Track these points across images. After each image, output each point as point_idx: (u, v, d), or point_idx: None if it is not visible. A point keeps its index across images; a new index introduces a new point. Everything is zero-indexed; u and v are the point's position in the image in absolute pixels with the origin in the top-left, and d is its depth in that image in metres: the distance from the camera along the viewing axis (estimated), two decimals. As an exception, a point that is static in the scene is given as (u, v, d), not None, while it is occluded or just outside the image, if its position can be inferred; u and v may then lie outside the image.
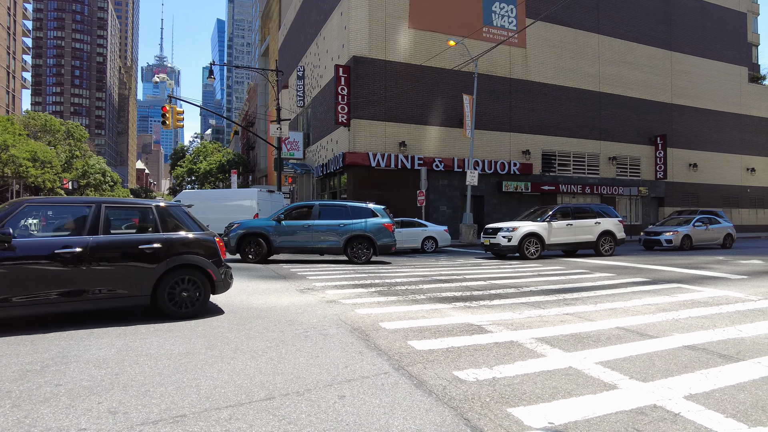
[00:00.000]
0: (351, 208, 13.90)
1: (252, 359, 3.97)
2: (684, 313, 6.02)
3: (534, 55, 29.69)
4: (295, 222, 13.59)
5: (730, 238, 20.11)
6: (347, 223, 13.59)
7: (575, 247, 16.18)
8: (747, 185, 38.27)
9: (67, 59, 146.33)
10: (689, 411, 2.98)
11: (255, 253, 13.36)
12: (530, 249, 15.05)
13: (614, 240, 16.26)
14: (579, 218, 15.99)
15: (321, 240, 13.51)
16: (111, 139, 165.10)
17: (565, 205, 16.51)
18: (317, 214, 13.73)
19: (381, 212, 13.94)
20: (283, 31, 46.75)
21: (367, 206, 14.08)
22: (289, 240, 13.44)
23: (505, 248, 15.11)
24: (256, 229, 13.44)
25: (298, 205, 14.42)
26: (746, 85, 39.30)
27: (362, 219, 13.68)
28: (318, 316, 5.77)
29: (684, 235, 18.76)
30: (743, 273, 10.31)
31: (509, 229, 15.16)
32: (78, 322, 5.27)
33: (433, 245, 18.75)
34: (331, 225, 13.57)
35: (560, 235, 15.55)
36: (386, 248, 13.71)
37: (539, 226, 15.31)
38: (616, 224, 16.43)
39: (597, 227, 16.07)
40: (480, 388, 3.36)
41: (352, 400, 3.10)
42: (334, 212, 13.85)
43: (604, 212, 16.59)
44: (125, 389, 3.23)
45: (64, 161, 62.29)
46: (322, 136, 30.94)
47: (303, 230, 13.50)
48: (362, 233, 13.52)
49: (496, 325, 5.35)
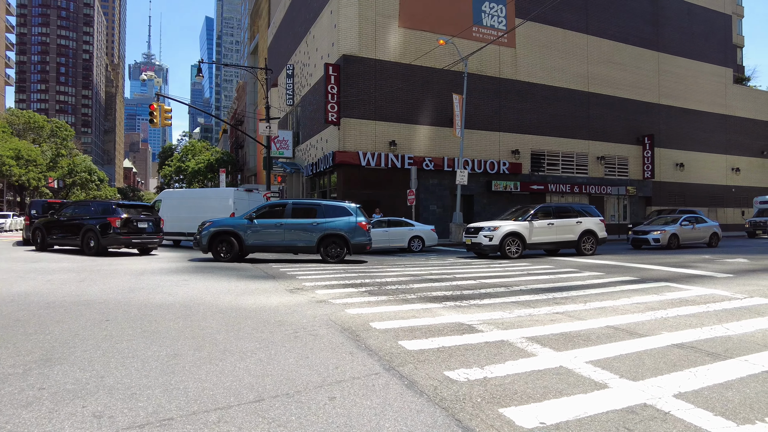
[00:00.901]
0: (325, 207, 13.78)
1: (241, 360, 3.92)
2: (672, 311, 6.07)
3: (523, 54, 29.85)
4: (267, 220, 13.47)
5: (716, 237, 20.36)
6: (320, 221, 13.46)
7: (557, 247, 16.22)
8: (732, 185, 38.87)
9: (53, 56, 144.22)
10: (679, 409, 2.99)
11: (226, 251, 13.24)
12: (511, 248, 15.06)
13: (595, 239, 16.32)
14: (560, 217, 16.03)
15: (294, 239, 13.37)
16: (98, 137, 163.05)
17: (546, 205, 16.52)
18: (290, 213, 13.60)
19: (356, 211, 13.78)
20: (272, 29, 46.48)
21: (341, 205, 13.96)
22: (261, 239, 13.33)
23: (487, 247, 15.10)
24: (228, 227, 13.34)
25: (271, 204, 14.28)
26: (731, 86, 39.89)
27: (336, 218, 13.54)
28: (308, 316, 5.72)
29: (671, 234, 18.96)
30: (729, 271, 10.44)
31: (490, 228, 15.14)
32: (63, 323, 5.17)
33: (420, 244, 18.75)
34: (304, 224, 13.44)
35: (541, 234, 15.58)
36: (360, 247, 13.51)
37: (520, 225, 15.31)
38: (597, 223, 16.50)
39: (578, 226, 16.12)
40: (471, 388, 3.35)
41: (343, 402, 3.07)
42: (307, 211, 13.74)
43: (585, 212, 16.62)
44: (111, 392, 3.16)
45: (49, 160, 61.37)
46: (312, 135, 30.82)
47: (275, 229, 13.36)
48: (336, 232, 13.37)
49: (486, 324, 5.35)
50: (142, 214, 15.79)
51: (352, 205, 13.99)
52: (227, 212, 19.21)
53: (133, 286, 8.04)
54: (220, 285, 8.30)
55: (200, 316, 5.67)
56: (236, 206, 19.87)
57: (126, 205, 15.71)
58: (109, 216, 14.87)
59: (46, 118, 68.74)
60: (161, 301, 6.65)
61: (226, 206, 19.79)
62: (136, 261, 12.97)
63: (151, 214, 16.25)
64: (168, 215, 19.97)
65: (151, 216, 16.07)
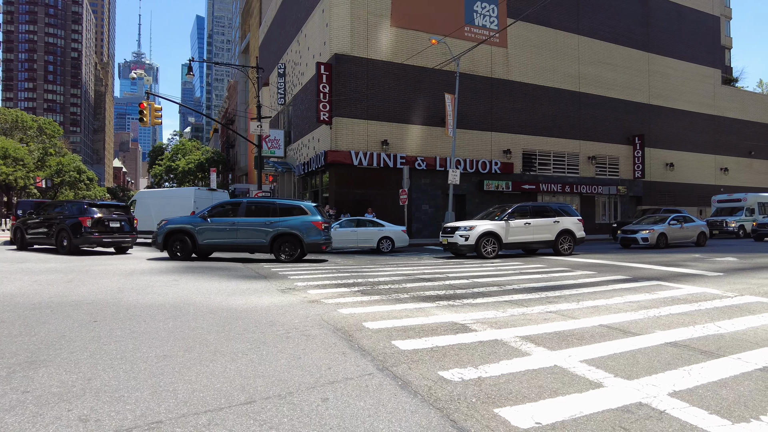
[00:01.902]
0: (280, 206, 13.73)
1: (232, 361, 3.85)
2: (665, 310, 6.09)
3: (515, 54, 29.94)
4: (221, 219, 13.41)
5: (704, 236, 20.47)
6: (275, 220, 13.32)
7: (534, 246, 16.13)
8: (720, 184, 39.26)
9: (40, 54, 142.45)
10: (674, 408, 2.98)
11: (181, 250, 13.29)
12: (487, 248, 14.89)
13: (573, 239, 16.18)
14: (537, 217, 15.91)
15: (247, 238, 13.26)
16: (87, 136, 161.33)
17: (523, 204, 16.36)
18: (244, 212, 13.51)
19: (312, 210, 13.69)
20: (263, 28, 46.24)
21: (296, 203, 13.93)
22: (215, 237, 13.27)
23: (463, 247, 14.89)
24: (181, 226, 13.36)
25: (226, 202, 14.28)
26: (720, 87, 40.32)
27: (291, 217, 13.43)
28: (300, 316, 5.66)
29: (660, 233, 19.00)
30: (719, 270, 10.52)
31: (466, 228, 14.99)
32: (49, 324, 5.07)
33: (389, 245, 18.44)
34: (258, 222, 13.31)
35: (518, 234, 15.45)
36: (315, 246, 13.35)
37: (497, 225, 15.17)
38: (575, 223, 16.39)
39: (556, 226, 16.00)
40: (466, 388, 3.31)
41: (336, 403, 3.02)
42: (262, 210, 13.64)
43: (563, 211, 16.51)
44: (98, 395, 3.09)
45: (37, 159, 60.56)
46: (304, 134, 30.69)
47: (229, 228, 13.30)
48: (289, 231, 13.23)
49: (480, 323, 5.32)
50: (115, 214, 15.97)
51: (309, 204, 13.94)
52: (189, 211, 19.63)
53: (123, 286, 7.92)
54: (210, 285, 8.20)
55: (190, 316, 5.59)
56: (197, 205, 20.46)
57: (99, 205, 15.95)
58: (80, 216, 15.10)
59: (33, 116, 67.80)
60: (151, 301, 6.55)
61: (188, 205, 20.36)
62: (126, 261, 12.81)
63: (124, 213, 16.43)
64: (141, 214, 20.74)
65: (125, 215, 16.25)
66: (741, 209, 29.13)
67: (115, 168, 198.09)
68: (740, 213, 28.93)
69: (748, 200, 29.20)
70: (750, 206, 29.04)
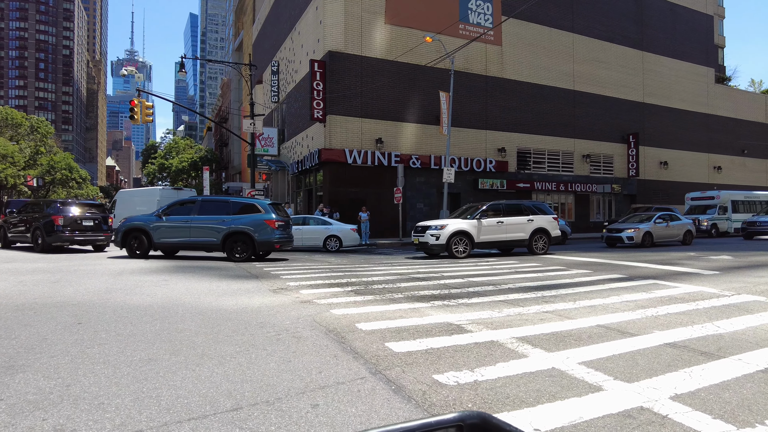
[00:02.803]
0: (233, 204, 13.65)
1: (219, 365, 3.72)
2: (662, 309, 6.00)
3: (510, 52, 29.87)
4: (175, 217, 13.40)
5: (690, 235, 20.19)
6: (227, 218, 13.21)
7: (507, 246, 15.82)
8: (714, 183, 39.38)
9: (31, 51, 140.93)
10: (677, 413, 2.88)
11: (138, 247, 13.40)
12: (458, 247, 14.57)
13: (548, 238, 15.86)
14: (511, 215, 15.57)
15: (200, 236, 13.22)
16: (79, 135, 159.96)
17: (496, 202, 16.03)
18: (198, 210, 13.43)
19: (266, 207, 13.50)
20: (257, 26, 45.93)
21: (250, 201, 13.82)
22: (169, 235, 13.33)
23: (434, 247, 14.54)
24: (138, 224, 13.52)
25: (183, 200, 14.28)
26: (713, 86, 40.46)
27: (244, 215, 13.31)
28: (291, 317, 5.52)
29: (645, 232, 18.73)
30: (715, 268, 10.48)
31: (437, 227, 14.65)
32: (31, 327, 4.91)
33: (336, 245, 18.08)
34: (210, 221, 13.22)
35: (491, 233, 15.11)
36: (267, 245, 13.23)
37: (468, 223, 14.85)
38: (550, 222, 16.05)
39: (530, 225, 15.66)
40: (461, 392, 3.20)
41: (326, 409, 2.89)
42: (215, 207, 13.55)
43: (537, 209, 16.17)
44: (76, 403, 2.94)
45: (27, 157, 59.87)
46: (298, 132, 30.49)
47: (182, 226, 13.28)
48: (242, 230, 13.06)
49: (475, 324, 5.21)
50: (88, 213, 16.41)
51: (264, 202, 13.81)
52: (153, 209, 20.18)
53: (111, 286, 7.75)
54: (201, 285, 8.05)
55: (179, 318, 5.44)
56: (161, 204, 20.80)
57: (72, 204, 16.46)
58: (53, 215, 15.52)
59: (24, 114, 66.97)
60: (139, 302, 6.39)
61: (153, 203, 20.94)
62: (115, 260, 12.62)
63: (99, 212, 16.81)
64: (120, 213, 22.01)
65: (99, 214, 16.64)
66: (714, 207, 28.52)
67: (108, 166, 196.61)
68: (713, 211, 28.35)
69: (721, 198, 28.72)
70: (723, 204, 28.55)
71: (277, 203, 14.56)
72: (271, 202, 14.05)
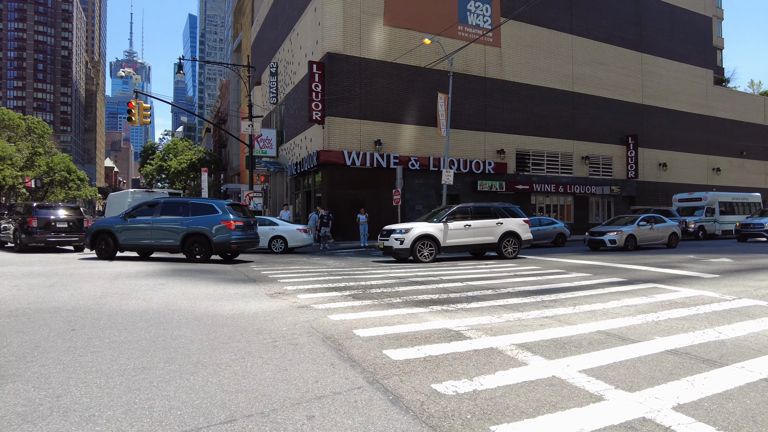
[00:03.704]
0: (193, 205, 13.79)
1: (214, 374, 3.65)
2: (663, 314, 5.95)
3: (509, 54, 29.85)
4: (138, 219, 13.69)
5: (675, 238, 19.75)
6: (186, 220, 13.38)
7: (475, 249, 15.40)
8: (713, 184, 39.39)
9: (30, 52, 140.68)
10: (680, 424, 2.82)
11: (105, 250, 13.78)
12: (423, 252, 14.18)
13: (518, 241, 15.50)
14: (479, 218, 15.20)
15: (161, 237, 13.48)
16: (77, 136, 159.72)
17: (464, 205, 15.67)
18: (160, 211, 13.65)
19: (223, 208, 13.57)
20: (255, 27, 45.88)
21: (208, 202, 13.94)
22: (133, 237, 13.63)
23: (398, 251, 14.14)
24: (104, 227, 13.92)
25: (147, 202, 14.50)
26: (712, 88, 40.49)
27: (202, 215, 13.43)
28: (288, 323, 5.46)
29: (628, 234, 18.25)
30: (715, 272, 10.43)
31: (402, 230, 14.26)
32: (24, 334, 4.83)
33: (282, 245, 17.95)
34: (171, 221, 13.44)
35: (458, 236, 14.71)
36: (224, 246, 13.24)
37: (434, 227, 14.47)
38: (520, 225, 15.70)
39: (499, 228, 15.29)
40: (460, 402, 3.14)
41: (322, 421, 2.83)
42: (175, 209, 13.72)
43: (507, 212, 15.82)
44: (66, 415, 2.87)
45: (25, 158, 59.69)
46: (296, 134, 30.43)
47: (145, 227, 13.58)
48: (199, 231, 13.21)
49: (474, 330, 5.15)
50: (63, 215, 17.32)
51: (222, 202, 13.92)
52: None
53: (106, 291, 7.67)
54: (197, 289, 7.97)
55: (174, 324, 5.37)
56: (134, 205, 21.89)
57: (48, 207, 17.48)
58: (28, 217, 16.49)
59: (21, 115, 66.75)
60: (134, 307, 6.32)
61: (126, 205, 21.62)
62: (112, 264, 12.53)
63: (75, 214, 17.71)
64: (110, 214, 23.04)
65: (73, 216, 17.49)
66: (701, 209, 28.04)
67: (106, 167, 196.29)
68: (700, 213, 27.88)
69: (709, 199, 28.28)
70: (710, 206, 28.12)
71: (238, 204, 14.69)
72: (231, 203, 14.19)
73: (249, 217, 14.47)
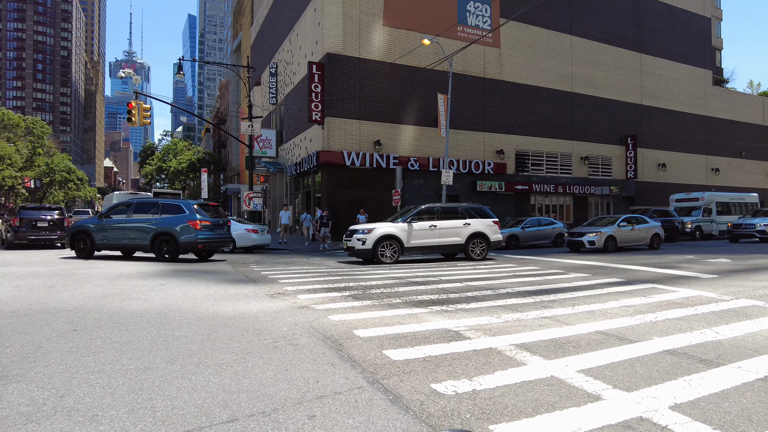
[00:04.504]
0: (162, 205, 14.10)
1: (215, 374, 3.68)
2: (661, 314, 5.98)
3: (508, 55, 29.89)
4: (112, 220, 14.08)
5: (658, 238, 19.39)
6: (155, 220, 13.68)
7: (442, 251, 15.00)
8: (712, 185, 39.45)
9: (29, 52, 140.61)
10: (676, 423, 2.85)
11: (83, 249, 14.16)
12: (385, 253, 13.84)
13: (487, 243, 15.14)
14: (446, 219, 14.88)
15: (133, 237, 13.83)
16: (77, 136, 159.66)
17: (431, 205, 15.30)
18: (132, 212, 14.05)
19: (190, 208, 13.78)
20: (255, 28, 45.91)
21: (176, 203, 14.18)
22: (107, 237, 14.01)
23: (360, 252, 13.84)
24: (82, 227, 14.37)
25: (122, 202, 14.87)
26: (711, 88, 40.53)
27: (170, 215, 13.69)
28: (289, 323, 5.49)
29: (608, 236, 17.84)
30: (713, 272, 10.47)
31: (364, 231, 13.97)
32: (26, 334, 4.86)
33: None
34: (142, 221, 13.78)
35: (422, 237, 14.37)
36: (190, 245, 13.47)
37: (398, 227, 14.16)
38: (489, 226, 15.34)
39: (466, 229, 14.93)
40: (460, 402, 3.17)
41: (323, 421, 2.86)
42: (147, 209, 14.10)
43: (476, 212, 15.46)
44: (69, 415, 2.91)
45: (25, 159, 59.66)
46: (296, 134, 30.46)
47: (118, 227, 13.95)
48: (167, 230, 13.49)
49: (473, 330, 5.19)
50: (43, 215, 19.06)
51: (189, 202, 14.16)
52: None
53: (107, 291, 7.70)
54: (198, 290, 8.01)
55: (175, 324, 5.40)
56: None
57: (30, 208, 19.39)
58: (12, 217, 18.45)
59: (20, 115, 66.74)
60: (135, 308, 6.35)
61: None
62: (113, 265, 12.56)
63: (57, 215, 19.29)
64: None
65: (54, 217, 19.11)
66: (698, 209, 27.81)
67: (105, 168, 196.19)
68: (697, 213, 27.65)
69: (706, 199, 28.09)
70: (707, 206, 27.91)
71: (209, 204, 14.92)
72: (200, 203, 14.43)
73: (219, 217, 14.70)
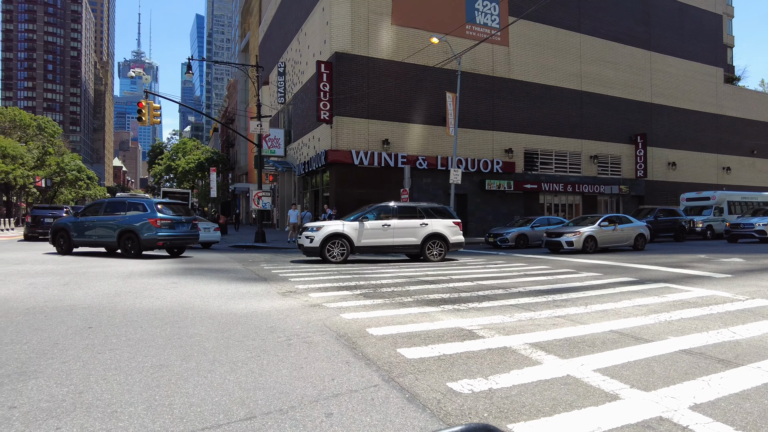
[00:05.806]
0: (128, 204, 14.64)
1: (231, 372, 3.69)
2: (676, 314, 5.92)
3: (517, 53, 29.75)
4: (87, 218, 14.65)
5: (643, 239, 18.55)
6: (120, 218, 14.19)
7: (397, 251, 14.37)
8: (723, 184, 39.04)
9: (40, 53, 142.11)
10: (698, 424, 2.82)
11: (63, 245, 14.71)
12: (333, 251, 13.39)
13: (445, 244, 14.46)
14: (402, 218, 14.26)
15: (102, 235, 14.49)
16: (87, 135, 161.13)
17: (386, 204, 14.73)
18: (103, 210, 14.64)
19: (151, 207, 14.19)
20: (263, 27, 46.05)
21: (139, 201, 14.66)
22: (83, 234, 14.55)
23: (308, 249, 13.49)
24: (61, 225, 14.96)
25: (97, 201, 15.56)
26: (722, 86, 40.09)
27: (133, 213, 14.14)
28: (301, 321, 5.50)
29: (587, 236, 17.05)
30: (727, 272, 10.36)
31: (313, 228, 13.61)
32: (42, 331, 4.91)
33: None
34: (110, 220, 14.33)
35: (375, 236, 13.84)
36: (150, 242, 13.88)
37: (348, 225, 13.67)
38: (449, 227, 14.65)
39: (423, 229, 14.28)
40: (477, 401, 3.15)
41: (341, 419, 2.86)
42: (115, 208, 14.67)
43: (435, 212, 14.82)
44: (89, 410, 2.92)
45: (36, 158, 60.26)
46: (304, 134, 30.52)
47: (90, 225, 14.51)
48: (130, 228, 13.93)
49: (487, 329, 5.16)
50: (49, 212, 23.27)
51: (151, 201, 14.60)
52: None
53: (120, 289, 7.76)
54: (210, 288, 8.04)
55: (189, 322, 5.43)
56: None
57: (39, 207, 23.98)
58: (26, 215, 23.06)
59: (32, 115, 67.37)
60: (148, 306, 6.39)
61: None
62: (124, 262, 12.66)
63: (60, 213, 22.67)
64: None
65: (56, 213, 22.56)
66: (709, 208, 27.27)
67: (115, 167, 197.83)
68: (708, 212, 27.09)
69: (717, 198, 27.52)
70: (719, 205, 27.33)
71: (174, 202, 15.35)
72: (164, 201, 14.88)
73: (183, 215, 15.01)
